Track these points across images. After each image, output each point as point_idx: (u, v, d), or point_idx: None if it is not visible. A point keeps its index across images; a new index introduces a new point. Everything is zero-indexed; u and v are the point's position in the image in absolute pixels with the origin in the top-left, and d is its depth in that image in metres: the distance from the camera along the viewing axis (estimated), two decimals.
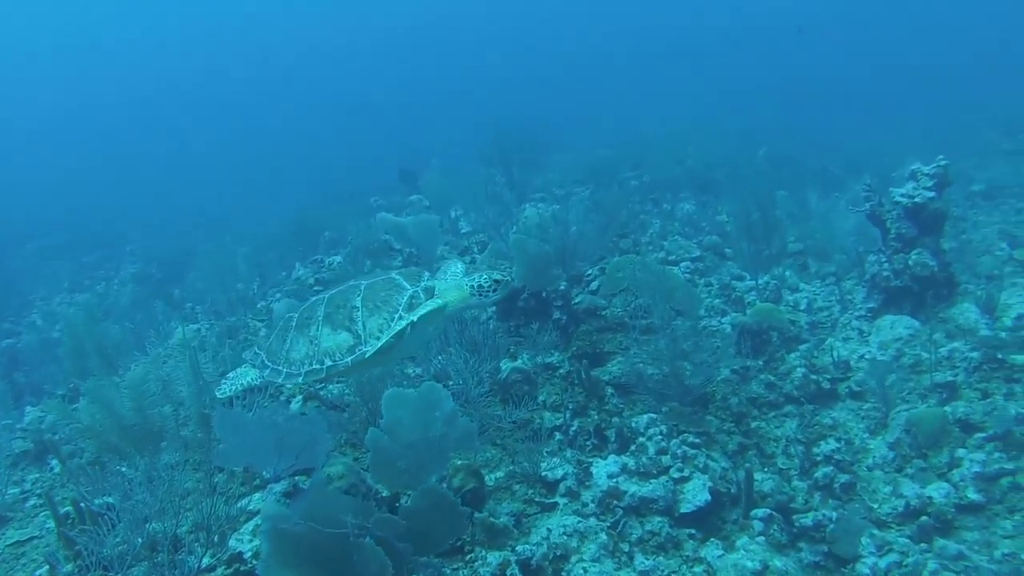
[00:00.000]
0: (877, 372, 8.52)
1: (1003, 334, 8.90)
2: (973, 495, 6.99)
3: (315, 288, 12.80)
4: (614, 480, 6.76)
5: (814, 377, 8.75)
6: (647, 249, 13.05)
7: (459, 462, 6.35)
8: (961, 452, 7.43)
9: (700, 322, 9.87)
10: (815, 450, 7.76)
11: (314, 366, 5.61)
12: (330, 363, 5.55)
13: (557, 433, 7.60)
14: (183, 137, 59.45)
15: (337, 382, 8.43)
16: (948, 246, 11.49)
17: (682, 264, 12.14)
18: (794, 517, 6.95)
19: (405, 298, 5.58)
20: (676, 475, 6.84)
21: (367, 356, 5.50)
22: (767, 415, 8.44)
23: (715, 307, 10.53)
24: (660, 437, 7.13)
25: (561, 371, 8.61)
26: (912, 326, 9.47)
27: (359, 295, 5.59)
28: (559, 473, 6.87)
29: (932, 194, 9.85)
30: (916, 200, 9.85)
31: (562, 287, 9.52)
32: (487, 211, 15.00)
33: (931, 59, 41.53)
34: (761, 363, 9.18)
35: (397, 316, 5.47)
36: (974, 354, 8.61)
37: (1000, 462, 7.21)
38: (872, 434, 8.15)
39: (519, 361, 8.56)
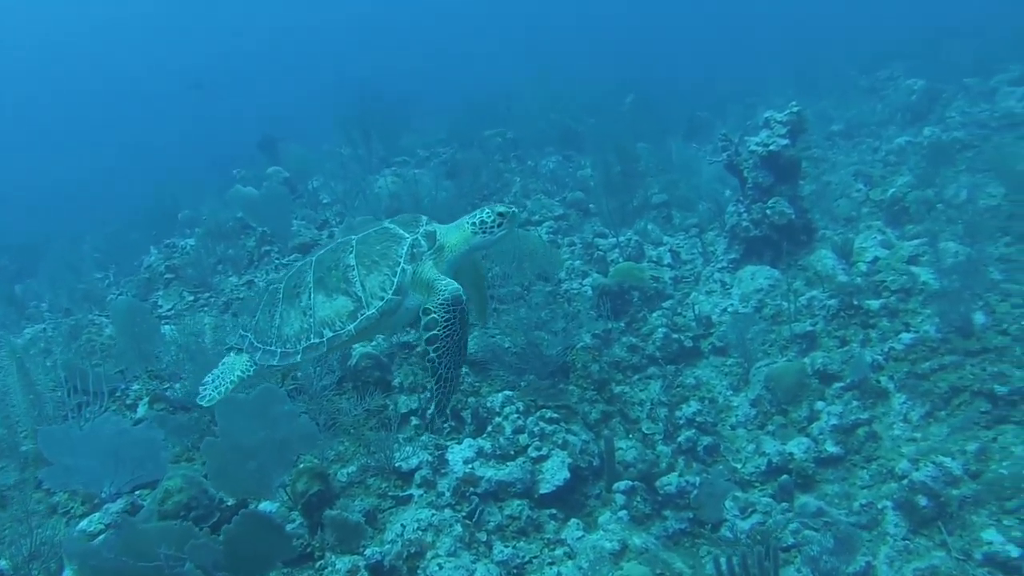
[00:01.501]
0: (738, 326, 8.56)
1: (859, 279, 9.01)
2: (832, 448, 7.08)
3: (166, 276, 12.17)
4: (470, 466, 6.55)
5: (676, 336, 8.72)
6: None
7: (303, 464, 6.04)
8: (820, 405, 7.51)
9: (560, 286, 9.73)
10: (678, 413, 7.69)
11: (312, 340, 5.01)
12: (331, 334, 4.95)
13: (413, 417, 7.34)
14: (51, 110, 56.41)
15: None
16: (808, 189, 11.61)
17: (545, 224, 11.96)
18: (658, 485, 6.89)
19: (405, 248, 5.02)
20: (534, 454, 6.69)
21: (373, 319, 4.95)
22: (631, 379, 8.38)
23: (576, 269, 10.38)
24: (517, 415, 6.95)
25: (418, 349, 8.33)
26: (772, 276, 9.54)
27: (351, 252, 5.03)
28: (414, 462, 6.62)
29: (786, 141, 9.89)
30: (771, 148, 9.86)
31: None
32: (346, 180, 14.57)
33: None
34: (623, 325, 9.09)
35: (399, 269, 4.94)
36: (832, 302, 8.71)
37: (856, 412, 7.32)
38: (735, 391, 8.18)
39: (371, 345, 8.24)
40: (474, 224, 5.29)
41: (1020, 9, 21.11)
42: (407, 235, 5.12)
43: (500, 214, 5.28)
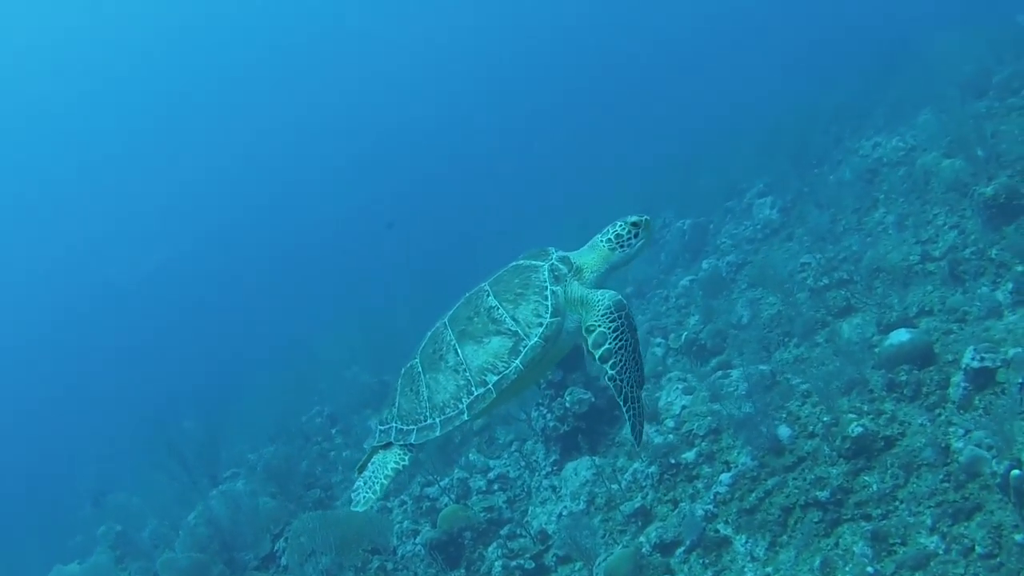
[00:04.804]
0: (572, 527, 8.54)
1: (671, 436, 9.23)
2: None
3: None
4: None
5: (515, 563, 8.64)
6: (341, 488, 12.74)
7: None
8: None
9: (396, 554, 9.60)
10: None
11: (476, 392, 4.36)
12: (496, 377, 4.39)
13: None
14: None
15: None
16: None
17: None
18: None
19: (545, 274, 4.67)
20: None
21: (538, 348, 4.47)
22: None
23: (406, 529, 10.25)
24: None
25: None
26: (593, 465, 9.66)
27: (488, 295, 4.69)
28: None
29: None
30: None
31: None
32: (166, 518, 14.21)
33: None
34: (463, 571, 8.96)
35: (549, 292, 4.53)
36: (652, 468, 8.87)
37: (702, 572, 7.33)
38: None
39: None
40: (609, 240, 4.96)
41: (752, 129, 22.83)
42: (542, 263, 4.84)
43: (634, 224, 4.97)
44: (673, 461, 8.80)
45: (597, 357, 4.51)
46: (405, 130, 64.15)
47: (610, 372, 4.51)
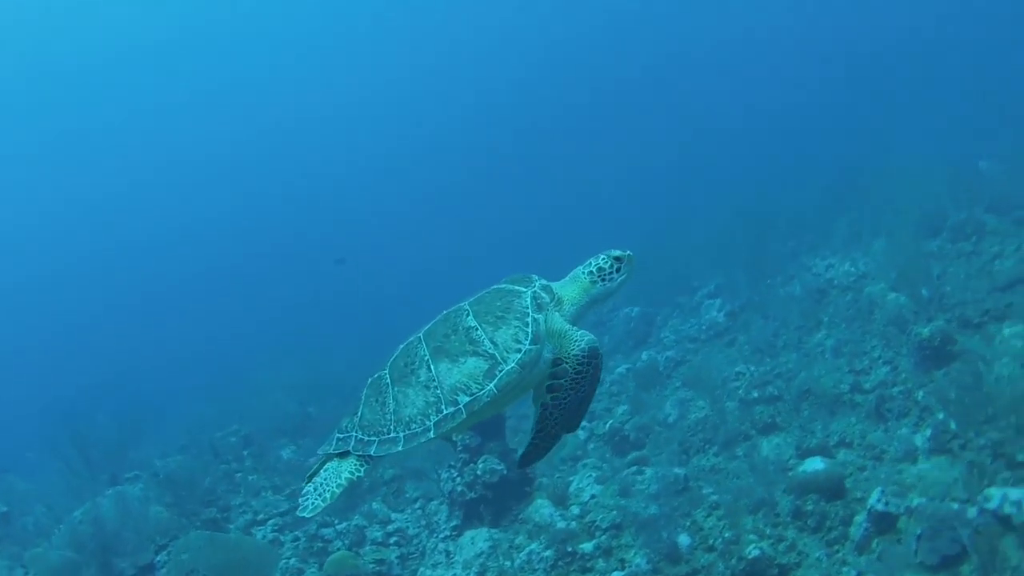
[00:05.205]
0: None
1: (573, 524, 9.16)
2: None
3: None
4: None
5: None
6: (238, 512, 12.45)
7: None
8: None
9: None
10: None
11: (446, 411, 4.13)
12: (467, 399, 4.11)
13: None
14: None
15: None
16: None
17: (270, 522, 11.65)
18: None
19: (528, 300, 4.54)
20: None
21: (514, 374, 4.20)
22: None
23: (291, 568, 10.03)
24: None
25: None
26: (492, 538, 9.57)
27: (468, 315, 4.56)
28: None
29: None
30: None
31: None
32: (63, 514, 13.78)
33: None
34: None
35: (530, 319, 4.34)
36: (548, 552, 8.76)
37: None
38: None
39: None
40: (591, 273, 4.87)
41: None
42: (525, 289, 4.70)
43: (616, 258, 4.90)
44: (570, 549, 8.70)
45: (547, 385, 4.45)
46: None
47: (548, 399, 4.43)
